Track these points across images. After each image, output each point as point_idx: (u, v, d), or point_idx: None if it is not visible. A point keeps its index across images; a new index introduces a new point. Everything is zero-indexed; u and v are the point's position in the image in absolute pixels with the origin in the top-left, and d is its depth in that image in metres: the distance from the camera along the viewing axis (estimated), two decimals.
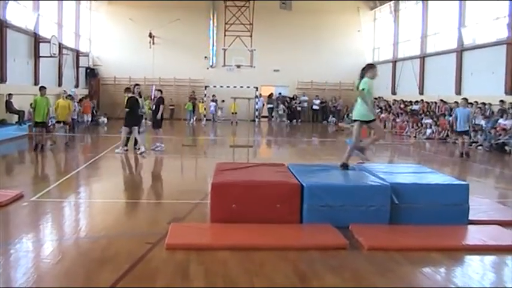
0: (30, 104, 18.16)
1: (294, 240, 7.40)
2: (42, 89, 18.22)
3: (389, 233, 7.75)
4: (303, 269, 6.32)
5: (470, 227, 8.17)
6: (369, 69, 10.19)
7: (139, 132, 18.26)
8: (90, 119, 29.62)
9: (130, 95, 18.08)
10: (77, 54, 35.38)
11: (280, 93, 39.33)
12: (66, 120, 19.51)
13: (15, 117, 23.22)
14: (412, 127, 28.39)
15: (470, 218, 8.37)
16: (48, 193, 10.84)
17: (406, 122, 29.65)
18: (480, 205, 9.54)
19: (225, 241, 7.21)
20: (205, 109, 36.72)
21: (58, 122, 19.49)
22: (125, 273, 5.93)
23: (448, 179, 9.26)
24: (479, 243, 7.41)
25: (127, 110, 17.75)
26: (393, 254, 6.86)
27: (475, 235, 7.80)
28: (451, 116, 25.16)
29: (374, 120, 10.04)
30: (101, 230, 8.12)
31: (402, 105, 32.66)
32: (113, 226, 8.49)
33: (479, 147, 21.50)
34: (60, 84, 30.60)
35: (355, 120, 10.14)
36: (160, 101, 18.97)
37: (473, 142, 22.19)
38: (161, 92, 19.58)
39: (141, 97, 18.53)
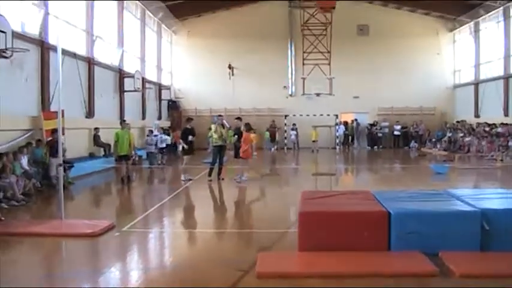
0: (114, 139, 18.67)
1: (383, 268, 7.38)
2: (123, 122, 18.99)
3: (480, 260, 7.62)
4: None
5: None
6: None
7: (222, 163, 18.59)
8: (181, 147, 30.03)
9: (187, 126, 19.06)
10: (159, 87, 36.48)
11: (356, 119, 39.20)
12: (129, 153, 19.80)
13: (102, 151, 24.07)
14: (498, 150, 27.62)
15: None
16: (138, 223, 11.21)
17: (490, 145, 28.85)
18: None
19: (314, 269, 7.29)
20: (285, 138, 37.05)
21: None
22: None
23: None
24: None
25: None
26: (485, 281, 6.76)
27: None
28: None
29: None
30: (192, 259, 8.38)
31: (487, 128, 31.82)
32: (202, 255, 8.74)
33: None
34: (144, 118, 31.59)
35: None
36: (240, 130, 19.30)
37: None
38: (241, 120, 19.90)
39: (223, 127, 18.85)
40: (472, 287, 6.63)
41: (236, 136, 19.43)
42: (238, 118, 20.17)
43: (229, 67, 38.44)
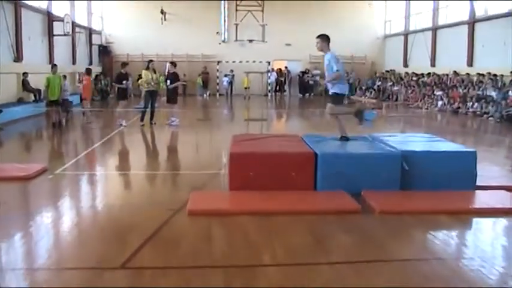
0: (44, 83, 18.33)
1: (309, 205, 7.76)
2: (54, 67, 18.41)
3: (399, 198, 8.13)
4: (317, 231, 6.71)
5: (477, 192, 8.48)
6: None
7: (154, 107, 18.62)
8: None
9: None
10: (90, 32, 35.70)
11: (286, 67, 39.58)
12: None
13: (32, 96, 23.65)
14: (424, 99, 28.56)
15: (478, 183, 8.68)
16: (71, 167, 11.25)
17: (417, 94, 29.80)
18: (489, 172, 9.87)
19: (244, 206, 7.60)
20: (217, 84, 37.20)
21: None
22: (150, 237, 6.32)
23: (456, 147, 9.61)
24: (485, 207, 7.76)
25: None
26: (403, 217, 7.23)
27: (481, 199, 8.16)
28: (464, 88, 25.45)
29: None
30: (125, 199, 8.62)
31: (414, 78, 32.76)
32: (135, 195, 9.01)
33: (490, 118, 21.70)
34: (74, 63, 31.02)
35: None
36: (174, 75, 19.32)
37: (485, 113, 22.43)
38: (175, 66, 19.88)
39: (155, 73, 18.81)
40: (389, 221, 7.08)
41: (169, 81, 19.38)
42: (172, 63, 20.08)
43: (162, 12, 37.87)
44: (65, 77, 20.98)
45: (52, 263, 5.66)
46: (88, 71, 20.48)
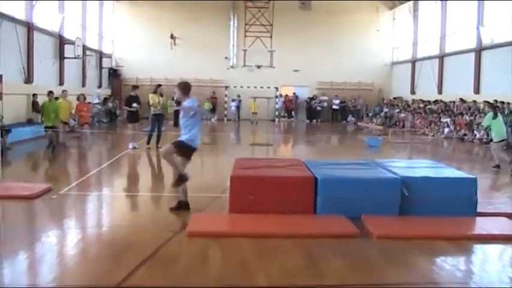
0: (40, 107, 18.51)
1: (307, 229, 7.83)
2: (50, 94, 18.11)
3: (398, 223, 8.18)
4: (314, 254, 6.76)
5: (477, 218, 8.52)
6: None
7: (161, 131, 18.76)
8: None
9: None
10: (100, 55, 36.12)
11: (294, 93, 39.85)
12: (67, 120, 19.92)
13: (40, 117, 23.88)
14: (430, 126, 28.62)
15: (479, 210, 8.72)
16: (75, 187, 11.38)
17: (424, 121, 29.87)
18: (490, 199, 9.91)
19: (242, 229, 7.67)
20: (225, 109, 37.46)
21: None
22: (149, 257, 6.41)
23: (457, 173, 9.65)
24: (484, 233, 7.80)
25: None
26: (401, 243, 7.27)
27: (481, 226, 8.19)
28: (471, 115, 25.48)
29: None
30: (127, 220, 8.73)
31: (421, 105, 32.86)
32: (137, 216, 9.14)
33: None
34: (84, 85, 31.31)
35: None
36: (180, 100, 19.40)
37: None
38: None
39: (162, 96, 19.00)
40: (387, 246, 7.11)
41: (175, 104, 19.51)
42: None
43: (172, 37, 38.27)
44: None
45: (51, 280, 5.75)
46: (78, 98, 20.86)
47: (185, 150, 8.96)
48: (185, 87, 9.20)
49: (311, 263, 6.42)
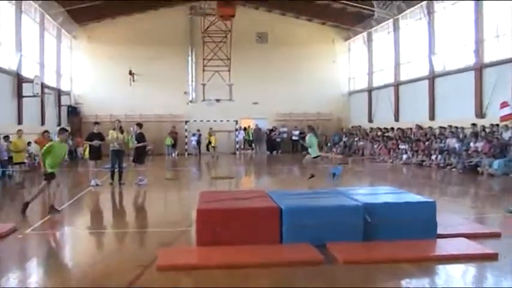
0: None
1: (275, 257, 7.96)
2: (63, 132, 13.56)
3: (362, 248, 8.38)
4: (283, 281, 6.93)
5: (438, 240, 8.79)
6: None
7: (122, 167, 18.75)
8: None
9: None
10: (59, 93, 35.79)
11: (256, 125, 40.10)
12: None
13: None
14: (389, 153, 29.15)
15: (439, 232, 8.99)
16: (40, 226, 11.31)
17: (382, 148, 30.40)
18: (449, 221, 10.19)
19: (211, 261, 7.78)
20: (186, 143, 37.56)
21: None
22: None
23: (416, 198, 9.93)
24: (445, 254, 8.08)
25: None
26: (367, 267, 7.48)
27: (441, 247, 8.46)
28: (427, 140, 26.07)
29: None
30: (95, 257, 8.74)
31: (379, 133, 33.44)
32: (105, 253, 9.13)
33: (453, 170, 22.25)
34: (43, 123, 31.01)
35: None
36: (141, 136, 19.53)
37: (448, 165, 23.00)
38: (141, 126, 20.04)
39: (122, 133, 19.03)
40: (353, 271, 7.30)
41: (136, 141, 19.50)
42: (138, 124, 20.28)
43: (130, 73, 38.21)
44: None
45: None
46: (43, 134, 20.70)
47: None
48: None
49: None
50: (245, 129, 40.07)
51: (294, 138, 39.64)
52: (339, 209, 8.86)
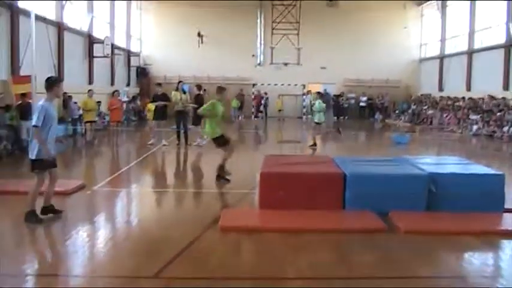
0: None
1: (336, 224, 8.00)
2: (221, 90, 12.85)
3: (425, 218, 8.29)
4: (342, 248, 6.96)
5: (505, 214, 8.59)
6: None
7: (186, 128, 19.00)
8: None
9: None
10: (128, 54, 36.51)
11: (325, 90, 39.62)
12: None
13: None
14: (459, 123, 28.50)
15: (506, 206, 8.79)
16: (108, 183, 11.67)
17: (452, 118, 29.74)
18: None
19: (272, 224, 7.88)
20: (253, 106, 37.68)
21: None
22: (182, 250, 6.64)
23: (484, 170, 9.70)
24: (511, 229, 7.88)
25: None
26: (428, 238, 7.40)
27: (508, 221, 8.27)
28: (500, 111, 25.33)
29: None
30: (160, 215, 8.99)
31: (449, 102, 32.67)
32: (168, 212, 9.37)
33: None
34: (112, 84, 31.68)
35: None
36: (199, 98, 19.18)
37: None
38: (200, 88, 19.87)
39: (184, 93, 19.15)
40: (414, 241, 7.25)
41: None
42: (197, 86, 20.29)
43: (199, 35, 38.47)
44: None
45: (88, 271, 6.07)
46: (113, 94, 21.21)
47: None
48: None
49: (340, 257, 6.61)
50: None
51: (361, 104, 39.24)
52: (403, 178, 8.78)
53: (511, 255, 7.08)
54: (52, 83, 8.32)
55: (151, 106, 20.14)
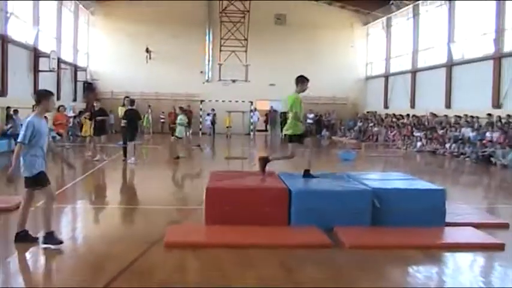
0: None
1: (282, 239, 8.01)
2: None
3: (369, 233, 8.40)
4: (289, 264, 6.95)
5: (446, 228, 8.77)
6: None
7: (126, 144, 18.82)
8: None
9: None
10: (75, 68, 36.01)
11: (271, 107, 39.82)
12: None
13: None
14: (403, 140, 29.02)
15: (447, 220, 8.97)
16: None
17: (397, 135, 30.29)
18: (457, 209, 10.16)
19: (218, 240, 7.84)
20: (200, 123, 37.58)
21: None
22: (127, 267, 6.55)
23: (426, 185, 9.90)
24: (452, 242, 8.09)
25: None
26: (373, 252, 7.49)
27: (449, 235, 8.46)
28: (442, 129, 25.95)
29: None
30: (104, 231, 8.83)
31: (394, 119, 33.29)
32: (111, 229, 9.21)
33: (467, 159, 22.13)
34: (58, 98, 31.12)
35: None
36: (133, 113, 18.98)
37: (461, 154, 22.88)
38: (133, 103, 19.45)
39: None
40: (359, 256, 7.33)
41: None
42: (127, 98, 20.82)
43: (147, 51, 38.29)
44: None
45: (33, 284, 5.90)
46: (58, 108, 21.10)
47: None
48: None
49: (286, 272, 6.62)
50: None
51: (308, 121, 39.54)
52: (348, 194, 8.86)
53: (453, 268, 7.21)
54: (41, 96, 7.93)
55: (85, 120, 20.04)
